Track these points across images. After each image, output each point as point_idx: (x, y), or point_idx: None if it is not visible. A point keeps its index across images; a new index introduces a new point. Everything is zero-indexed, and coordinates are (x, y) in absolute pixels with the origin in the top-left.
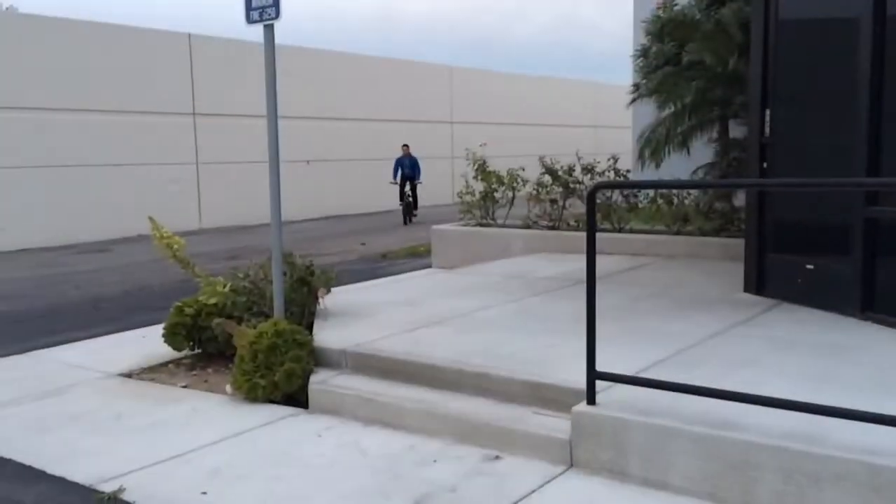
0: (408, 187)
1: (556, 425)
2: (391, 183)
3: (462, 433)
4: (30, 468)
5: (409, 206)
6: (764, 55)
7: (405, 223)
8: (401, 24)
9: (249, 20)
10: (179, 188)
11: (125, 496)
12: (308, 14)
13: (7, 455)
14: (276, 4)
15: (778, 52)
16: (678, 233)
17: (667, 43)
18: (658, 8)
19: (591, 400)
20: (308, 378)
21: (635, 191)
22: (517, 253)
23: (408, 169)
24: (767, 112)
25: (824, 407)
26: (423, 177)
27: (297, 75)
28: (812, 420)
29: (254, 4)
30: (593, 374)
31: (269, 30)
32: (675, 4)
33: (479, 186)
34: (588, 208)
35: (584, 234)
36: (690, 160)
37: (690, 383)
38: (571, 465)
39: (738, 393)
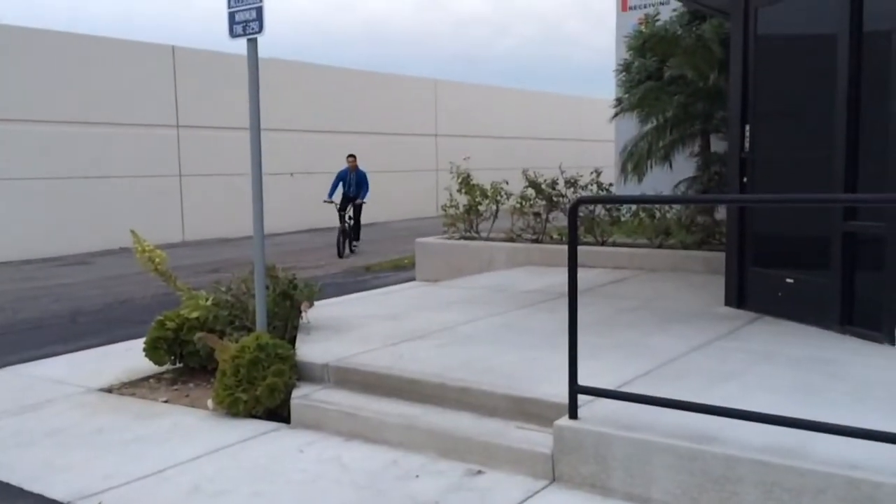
0: (349, 209)
1: (538, 439)
2: (325, 202)
3: (444, 448)
4: (7, 485)
5: (347, 232)
6: (743, 71)
7: (340, 255)
8: (385, 37)
9: (233, 34)
10: (165, 195)
11: None
12: (292, 27)
13: None
14: (260, 19)
15: (757, 67)
16: (660, 246)
17: (649, 58)
18: (640, 23)
19: (573, 414)
20: (290, 392)
21: (618, 204)
22: (501, 266)
23: (352, 186)
24: (747, 127)
25: (805, 421)
26: (369, 195)
27: (282, 88)
28: (792, 434)
29: (237, 19)
30: (575, 389)
31: (253, 44)
32: (657, 20)
33: (463, 200)
34: (570, 223)
35: (567, 247)
36: (673, 174)
37: (672, 397)
38: (554, 480)
39: (719, 407)
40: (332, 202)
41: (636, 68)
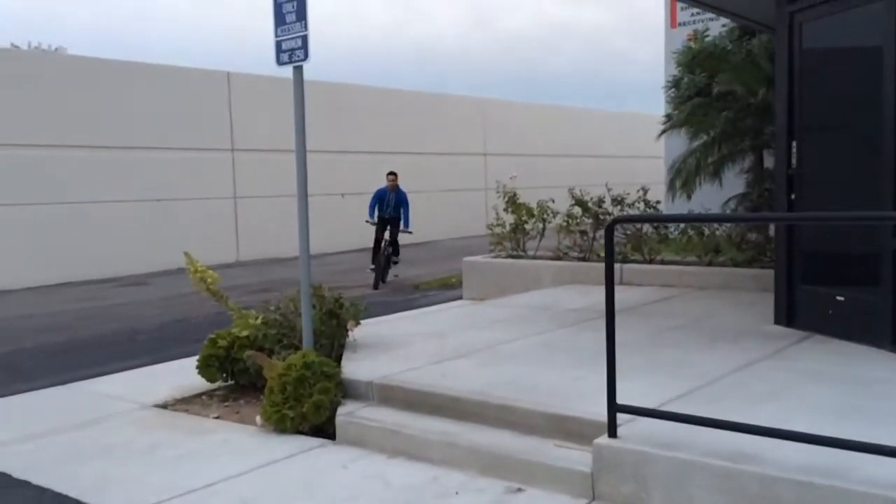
0: (387, 234)
1: (578, 458)
2: (368, 222)
3: (485, 465)
4: (66, 497)
5: (388, 260)
6: (789, 86)
7: (375, 286)
8: (435, 58)
9: (279, 62)
10: (220, 217)
11: None
12: (344, 51)
13: (45, 484)
14: (305, 47)
15: (803, 83)
16: (710, 264)
17: (698, 74)
18: (689, 39)
19: (613, 433)
20: (336, 409)
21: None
22: (547, 284)
23: (390, 208)
24: (794, 143)
25: (844, 440)
26: (412, 223)
27: (332, 111)
28: (833, 454)
29: (284, 47)
30: (614, 407)
31: (299, 71)
32: (707, 36)
33: (509, 219)
34: (606, 243)
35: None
36: (723, 191)
37: (713, 416)
38: (594, 499)
39: (757, 426)
40: (373, 223)
41: (685, 84)
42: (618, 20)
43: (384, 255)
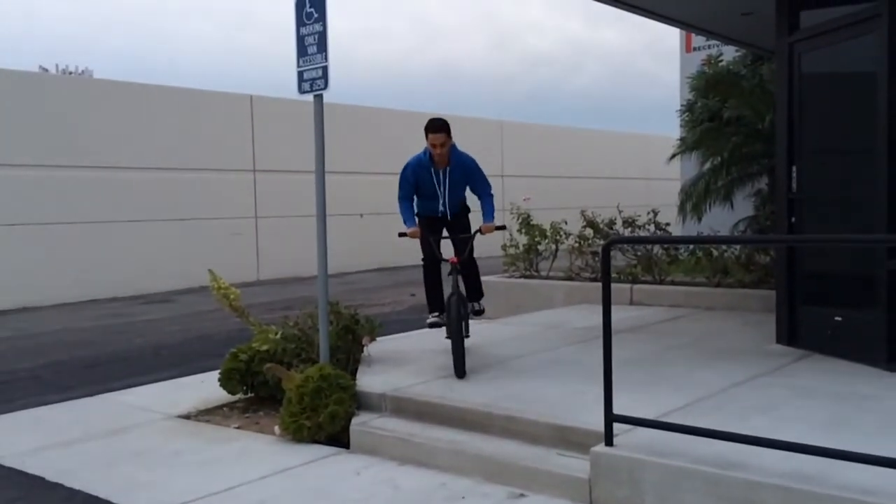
0: (447, 247)
1: (577, 465)
2: (401, 235)
3: (490, 472)
4: (96, 498)
5: (462, 300)
6: (789, 112)
7: (458, 374)
8: (460, 79)
9: (301, 90)
10: (241, 236)
11: None
12: (366, 72)
13: (77, 486)
14: (325, 77)
15: (802, 109)
16: (718, 284)
17: (711, 98)
18: (703, 63)
19: (609, 441)
20: (350, 420)
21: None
22: (559, 304)
23: (444, 198)
24: (794, 168)
25: (819, 447)
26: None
27: (350, 132)
28: (816, 461)
29: (305, 77)
30: (611, 417)
31: (319, 99)
32: (720, 60)
33: (523, 239)
34: (602, 263)
35: (625, 287)
36: (733, 213)
37: (708, 427)
38: (591, 503)
39: (743, 435)
40: (413, 232)
41: (699, 108)
42: (641, 41)
43: (454, 299)
